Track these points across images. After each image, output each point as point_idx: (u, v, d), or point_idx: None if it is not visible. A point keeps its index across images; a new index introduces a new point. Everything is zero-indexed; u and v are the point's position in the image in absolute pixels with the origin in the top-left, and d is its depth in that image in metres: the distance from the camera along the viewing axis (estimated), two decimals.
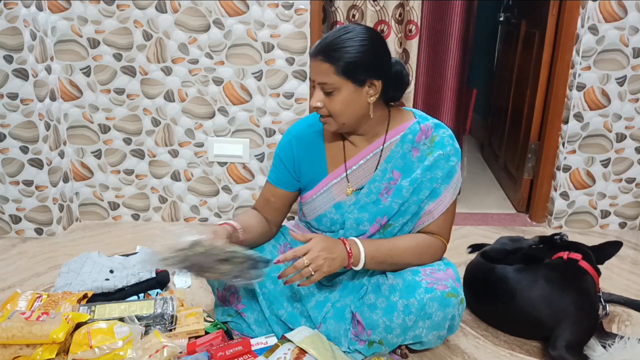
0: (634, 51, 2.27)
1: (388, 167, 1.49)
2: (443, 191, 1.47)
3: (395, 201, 1.47)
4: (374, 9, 2.39)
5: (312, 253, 1.34)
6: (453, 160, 1.48)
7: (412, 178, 1.46)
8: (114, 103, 2.33)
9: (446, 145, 1.47)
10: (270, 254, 1.57)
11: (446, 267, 1.50)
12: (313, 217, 1.58)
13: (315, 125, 1.55)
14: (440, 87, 2.58)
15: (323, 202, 1.55)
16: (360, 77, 1.37)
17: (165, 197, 2.48)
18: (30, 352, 1.40)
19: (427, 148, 1.48)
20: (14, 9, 2.03)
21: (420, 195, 1.47)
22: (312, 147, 1.55)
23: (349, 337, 1.48)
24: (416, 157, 1.48)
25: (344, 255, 1.38)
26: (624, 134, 2.39)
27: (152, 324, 1.55)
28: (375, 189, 1.50)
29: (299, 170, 1.57)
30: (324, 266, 1.34)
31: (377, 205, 1.49)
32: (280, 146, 1.59)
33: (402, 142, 1.49)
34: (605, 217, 2.52)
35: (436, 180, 1.46)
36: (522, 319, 1.63)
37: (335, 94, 1.38)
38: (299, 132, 1.57)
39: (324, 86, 1.37)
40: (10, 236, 2.33)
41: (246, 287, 1.55)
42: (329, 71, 1.35)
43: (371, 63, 1.37)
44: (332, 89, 1.37)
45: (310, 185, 1.56)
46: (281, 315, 1.56)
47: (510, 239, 1.92)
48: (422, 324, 1.41)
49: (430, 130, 1.49)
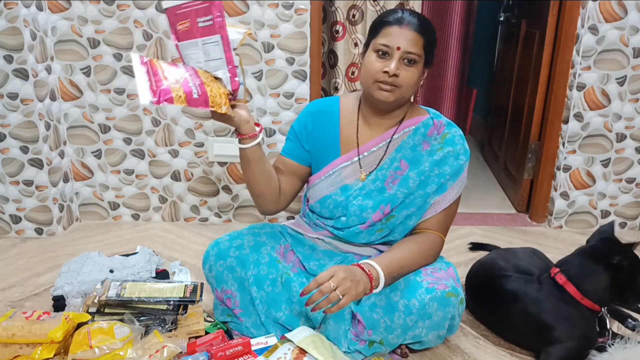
0: (634, 51, 2.27)
1: (397, 156, 1.51)
2: (449, 187, 1.49)
3: (401, 190, 1.48)
4: (374, 9, 2.39)
5: (338, 276, 1.27)
6: (462, 159, 1.50)
7: (420, 170, 1.48)
8: (114, 103, 2.33)
9: (456, 144, 1.50)
10: (269, 256, 1.57)
11: (447, 267, 1.51)
12: (318, 199, 1.56)
13: (334, 105, 1.57)
14: (440, 87, 2.58)
15: (331, 183, 1.55)
16: (430, 57, 1.44)
17: (165, 197, 2.48)
18: (29, 351, 1.40)
19: (438, 143, 1.50)
20: (14, 9, 2.03)
21: (427, 189, 1.48)
22: (327, 125, 1.56)
23: (349, 337, 1.47)
24: (426, 150, 1.50)
25: (366, 278, 1.33)
26: (624, 134, 2.39)
27: (152, 324, 1.55)
28: (382, 176, 1.51)
29: (312, 147, 1.57)
30: (352, 289, 1.27)
31: (382, 194, 1.50)
32: (297, 120, 1.60)
33: (415, 134, 1.51)
34: (605, 217, 2.52)
35: (444, 176, 1.48)
36: (518, 328, 1.61)
37: (413, 66, 1.40)
38: (317, 108, 1.59)
39: (409, 55, 1.38)
40: (10, 236, 2.33)
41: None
42: (419, 42, 1.39)
43: (434, 50, 1.45)
44: (415, 60, 1.39)
45: (322, 164, 1.56)
46: (279, 318, 1.55)
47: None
48: (422, 324, 1.41)
49: (442, 127, 1.52)
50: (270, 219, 2.50)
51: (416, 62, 1.40)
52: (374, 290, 1.36)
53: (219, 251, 1.57)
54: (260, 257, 1.56)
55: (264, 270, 1.55)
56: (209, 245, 1.61)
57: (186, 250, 2.22)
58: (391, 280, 1.41)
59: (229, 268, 1.55)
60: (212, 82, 1.32)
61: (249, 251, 1.56)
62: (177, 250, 2.22)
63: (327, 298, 1.26)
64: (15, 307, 1.77)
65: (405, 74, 1.39)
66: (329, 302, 1.27)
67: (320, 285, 1.27)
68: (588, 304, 1.51)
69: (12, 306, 1.79)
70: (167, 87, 1.24)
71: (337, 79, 2.48)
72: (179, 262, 2.07)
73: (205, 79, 1.31)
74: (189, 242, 2.30)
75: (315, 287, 1.28)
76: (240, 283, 1.56)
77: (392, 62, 1.38)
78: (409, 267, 1.44)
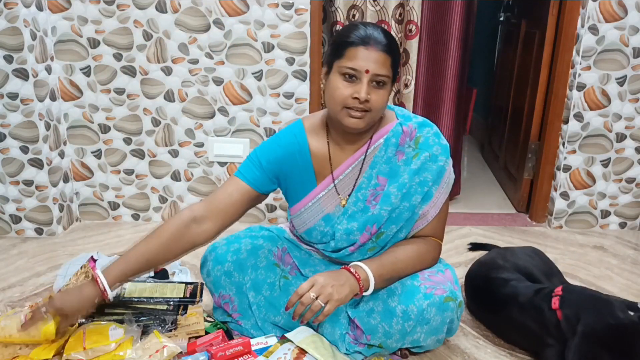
0: (634, 51, 2.27)
1: (373, 173, 1.44)
2: (435, 192, 1.43)
3: (385, 208, 1.42)
4: (374, 9, 2.39)
5: (317, 285, 1.28)
6: (441, 159, 1.42)
7: (400, 183, 1.41)
8: (114, 103, 2.33)
9: (432, 146, 1.42)
10: (267, 259, 1.56)
11: (445, 269, 1.49)
12: (303, 231, 1.53)
13: (300, 134, 1.47)
14: (440, 87, 2.57)
15: (312, 214, 1.49)
16: (397, 73, 1.36)
17: (165, 197, 2.48)
18: (28, 351, 1.41)
19: (412, 150, 1.43)
20: (14, 9, 2.03)
21: (412, 201, 1.42)
22: (298, 157, 1.46)
23: (346, 341, 1.46)
24: (402, 160, 1.43)
25: (352, 280, 1.32)
26: (624, 134, 2.39)
27: (152, 324, 1.55)
28: (362, 196, 1.45)
29: (284, 181, 1.48)
30: (333, 294, 1.27)
31: (366, 214, 1.44)
32: (263, 152, 1.46)
33: (386, 146, 1.43)
34: (605, 217, 2.52)
35: (427, 184, 1.42)
36: (517, 329, 1.60)
37: (383, 88, 1.32)
38: (284, 141, 1.47)
39: (378, 78, 1.30)
40: (10, 236, 2.33)
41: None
42: (387, 62, 1.31)
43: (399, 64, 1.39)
44: (384, 82, 1.32)
45: (298, 197, 1.49)
46: (278, 322, 1.55)
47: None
48: (420, 329, 1.39)
49: (414, 131, 1.44)
50: (270, 218, 2.50)
51: (385, 83, 1.32)
52: (363, 292, 1.34)
53: (217, 256, 1.55)
54: (257, 261, 1.55)
55: (262, 275, 1.54)
56: (206, 249, 1.60)
57: None
58: (384, 283, 1.39)
59: (227, 273, 1.54)
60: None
61: (246, 255, 1.55)
62: None
63: (310, 309, 1.27)
64: (15, 308, 1.77)
65: (375, 98, 1.31)
66: (312, 313, 1.28)
67: (300, 297, 1.28)
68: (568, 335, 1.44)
69: (12, 306, 1.79)
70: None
71: None
72: (178, 262, 2.07)
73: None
74: None
75: (296, 300, 1.29)
76: (238, 287, 1.55)
77: (362, 88, 1.29)
78: (403, 270, 1.42)
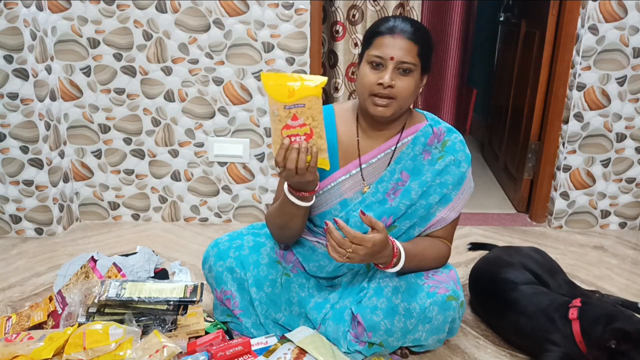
0: (634, 51, 2.27)
1: (397, 168, 1.48)
2: (454, 197, 1.47)
3: (403, 202, 1.45)
4: (374, 9, 2.39)
5: (364, 247, 1.26)
6: (464, 166, 1.47)
7: (422, 181, 1.45)
8: (114, 103, 2.33)
9: (458, 151, 1.47)
10: (269, 256, 1.56)
11: (448, 269, 1.51)
12: (317, 213, 1.53)
13: (329, 116, 1.50)
14: (440, 87, 2.58)
15: (330, 197, 1.51)
16: (427, 64, 1.39)
17: (165, 197, 2.48)
18: (29, 351, 1.40)
19: (439, 152, 1.47)
20: (14, 9, 2.03)
21: (429, 200, 1.46)
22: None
23: (348, 339, 1.47)
24: (427, 160, 1.47)
25: (389, 258, 1.33)
26: (624, 134, 2.39)
27: (152, 324, 1.55)
28: (383, 188, 1.48)
29: None
30: (364, 259, 1.28)
31: (383, 205, 1.47)
32: None
33: (414, 143, 1.48)
34: (605, 217, 2.52)
35: (446, 186, 1.46)
36: (517, 332, 1.60)
37: (409, 76, 1.36)
38: None
39: (403, 65, 1.34)
40: (10, 236, 2.33)
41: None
42: (413, 50, 1.35)
43: (431, 55, 1.41)
44: (410, 69, 1.35)
45: (319, 177, 1.50)
46: (279, 319, 1.55)
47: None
48: (422, 328, 1.40)
49: (442, 134, 1.48)
50: None
51: (411, 70, 1.35)
52: (390, 267, 1.36)
53: (219, 252, 1.57)
54: (259, 257, 1.55)
55: (264, 271, 1.54)
56: (208, 245, 1.61)
57: (186, 250, 2.22)
58: (406, 268, 1.40)
59: (229, 269, 1.55)
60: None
61: (248, 252, 1.56)
62: (177, 250, 2.22)
63: (336, 250, 1.26)
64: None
65: (400, 84, 1.35)
66: (334, 252, 1.27)
67: (340, 245, 1.25)
68: (583, 348, 1.45)
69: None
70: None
71: (337, 78, 2.48)
72: (178, 262, 2.07)
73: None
74: (189, 242, 2.30)
75: (339, 240, 1.26)
76: (239, 284, 1.55)
77: (386, 73, 1.34)
78: (424, 263, 1.44)
